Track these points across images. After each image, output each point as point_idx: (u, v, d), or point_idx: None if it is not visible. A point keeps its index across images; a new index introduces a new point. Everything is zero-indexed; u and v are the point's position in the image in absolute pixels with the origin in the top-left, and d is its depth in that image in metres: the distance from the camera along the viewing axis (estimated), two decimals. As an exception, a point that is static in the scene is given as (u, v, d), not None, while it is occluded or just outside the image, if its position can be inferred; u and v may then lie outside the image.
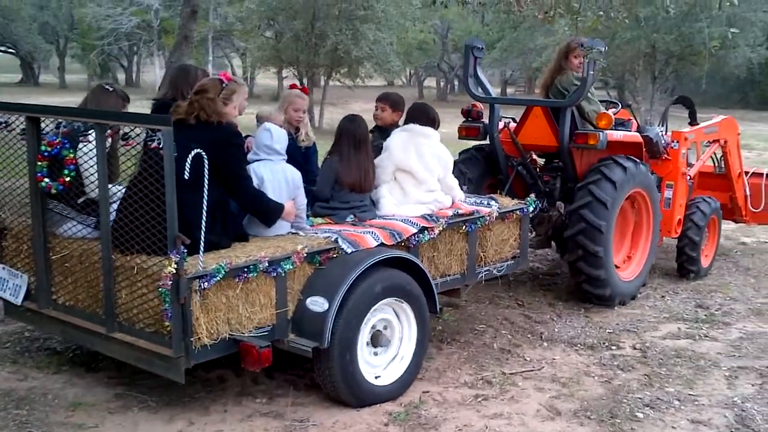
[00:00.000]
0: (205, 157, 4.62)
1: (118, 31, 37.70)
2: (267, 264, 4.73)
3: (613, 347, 6.47)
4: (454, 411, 5.18)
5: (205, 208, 4.58)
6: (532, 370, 5.92)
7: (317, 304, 4.91)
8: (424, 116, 6.37)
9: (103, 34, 38.65)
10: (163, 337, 4.53)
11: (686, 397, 5.51)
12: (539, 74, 44.46)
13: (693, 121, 9.14)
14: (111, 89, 5.80)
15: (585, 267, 7.27)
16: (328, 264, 5.12)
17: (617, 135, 7.58)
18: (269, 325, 4.89)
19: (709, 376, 5.93)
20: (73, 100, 34.41)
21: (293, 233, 5.36)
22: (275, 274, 4.81)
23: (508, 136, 7.91)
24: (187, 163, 4.51)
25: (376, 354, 5.37)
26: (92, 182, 4.98)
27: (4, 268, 5.54)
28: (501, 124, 7.93)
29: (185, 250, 4.38)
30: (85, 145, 5.07)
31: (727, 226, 10.23)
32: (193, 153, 4.55)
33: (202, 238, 4.52)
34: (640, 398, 5.45)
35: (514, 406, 5.30)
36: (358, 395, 5.15)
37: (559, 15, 8.58)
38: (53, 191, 5.06)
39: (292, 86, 6.69)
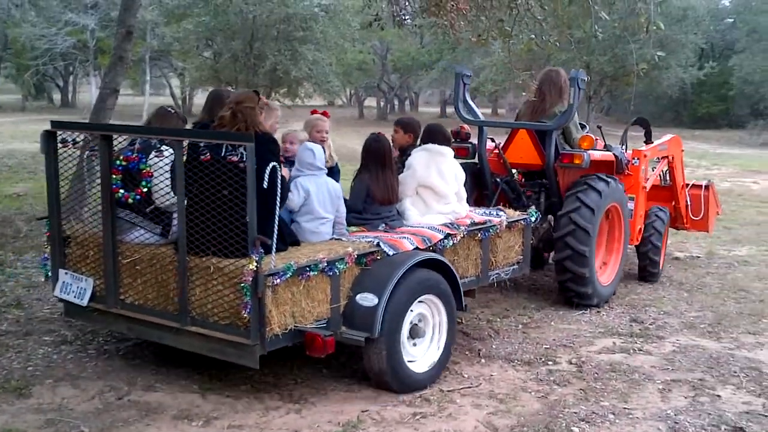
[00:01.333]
0: (279, 168, 5.28)
1: (53, 51, 37.07)
2: (325, 264, 5.35)
3: (550, 362, 6.55)
4: (392, 429, 5.17)
5: (277, 214, 5.20)
6: (470, 387, 5.95)
7: (367, 299, 5.56)
8: (440, 136, 7.05)
9: (37, 54, 37.89)
10: (239, 328, 5.08)
11: (621, 411, 5.58)
12: (478, 94, 44.99)
13: (648, 140, 9.78)
14: (173, 111, 6.41)
15: (571, 265, 7.97)
16: (373, 265, 5.78)
17: (597, 155, 8.45)
18: (325, 319, 5.49)
19: (643, 390, 6.02)
20: (8, 120, 33.69)
21: (336, 239, 5.98)
22: (331, 273, 5.44)
23: (494, 155, 8.67)
24: (265, 174, 5.14)
25: (414, 345, 5.99)
26: (163, 193, 5.62)
27: (67, 273, 5.96)
28: (492, 145, 8.71)
29: (262, 251, 4.92)
30: (161, 159, 5.60)
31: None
32: (270, 165, 5.19)
33: (275, 241, 5.09)
34: (575, 413, 5.51)
35: (452, 423, 5.31)
36: (402, 381, 5.76)
37: (492, 38, 8.78)
38: (130, 201, 5.58)
39: (314, 112, 7.19)
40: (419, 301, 5.93)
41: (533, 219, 7.37)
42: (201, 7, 25.78)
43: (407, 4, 12.32)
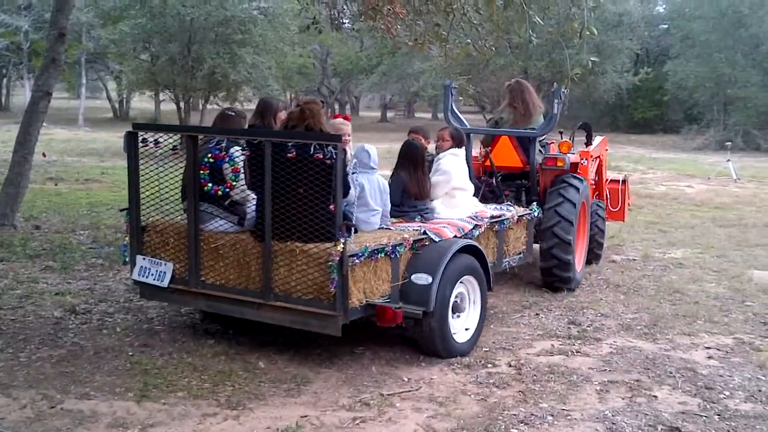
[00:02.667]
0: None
1: (-15, 53, 36.37)
2: (390, 248, 6.25)
3: (489, 365, 6.57)
4: (331, 434, 5.14)
5: (355, 205, 6.23)
6: (410, 391, 5.94)
7: (422, 278, 6.41)
8: (463, 140, 8.15)
9: (-31, 56, 37.20)
10: (322, 301, 5.88)
11: (559, 412, 5.61)
12: (418, 98, 45.04)
13: (588, 143, 10.54)
14: (233, 114, 7.02)
15: (558, 252, 8.89)
16: (424, 250, 6.66)
17: (572, 158, 9.45)
18: (387, 295, 6.34)
19: (581, 391, 6.06)
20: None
21: (384, 228, 6.77)
22: (393, 256, 6.31)
23: (476, 159, 9.69)
24: (349, 170, 6.02)
25: (457, 317, 6.86)
26: (241, 188, 6.40)
27: (145, 259, 6.67)
28: (483, 151, 9.65)
29: (347, 234, 5.73)
30: (246, 157, 6.28)
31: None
32: (351, 163, 6.20)
33: (353, 227, 6.01)
34: (515, 415, 5.52)
35: (392, 427, 5.29)
36: (448, 349, 6.63)
37: (429, 42, 8.84)
38: (220, 193, 6.33)
39: (336, 116, 7.72)
40: (460, 282, 6.78)
41: (536, 214, 8.53)
42: (137, 9, 25.45)
43: (344, 7, 12.31)
